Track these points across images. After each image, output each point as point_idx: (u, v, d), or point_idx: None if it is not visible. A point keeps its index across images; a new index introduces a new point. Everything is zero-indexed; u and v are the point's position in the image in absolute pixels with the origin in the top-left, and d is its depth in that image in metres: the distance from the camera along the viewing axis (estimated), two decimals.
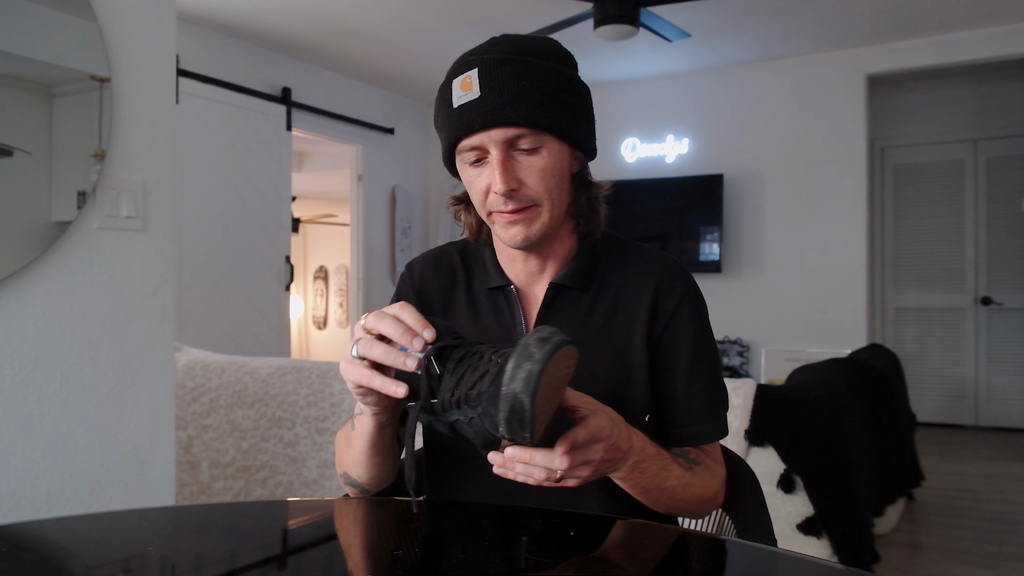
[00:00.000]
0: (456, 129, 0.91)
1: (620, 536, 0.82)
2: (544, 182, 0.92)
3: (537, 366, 0.67)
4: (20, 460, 1.46)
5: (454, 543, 0.82)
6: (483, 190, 0.93)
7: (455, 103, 0.91)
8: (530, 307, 1.02)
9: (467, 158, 0.93)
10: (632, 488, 0.89)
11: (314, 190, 7.37)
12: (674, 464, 0.92)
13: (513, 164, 0.91)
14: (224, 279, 4.51)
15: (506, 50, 0.91)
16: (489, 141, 0.90)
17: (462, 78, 0.90)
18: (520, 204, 0.92)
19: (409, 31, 4.58)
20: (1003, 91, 5.41)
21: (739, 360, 5.22)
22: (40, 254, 1.48)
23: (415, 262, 1.10)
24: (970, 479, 4.08)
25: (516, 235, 0.94)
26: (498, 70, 0.89)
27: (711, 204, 5.26)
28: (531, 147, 0.91)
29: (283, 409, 2.50)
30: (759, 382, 2.34)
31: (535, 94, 0.89)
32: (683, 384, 0.98)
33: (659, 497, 0.91)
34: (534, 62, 0.90)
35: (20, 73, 1.47)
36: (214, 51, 4.50)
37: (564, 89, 0.92)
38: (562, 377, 0.73)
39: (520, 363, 0.68)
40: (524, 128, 0.89)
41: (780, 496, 2.16)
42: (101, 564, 0.76)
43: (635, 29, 3.56)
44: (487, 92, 0.88)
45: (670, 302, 0.99)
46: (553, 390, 0.72)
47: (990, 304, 5.46)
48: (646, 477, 0.88)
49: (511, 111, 0.88)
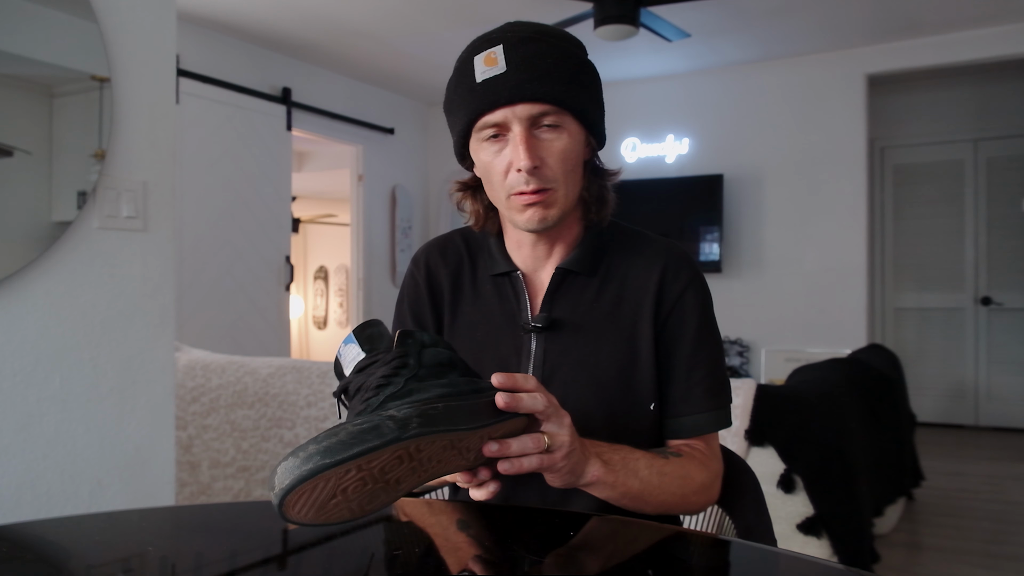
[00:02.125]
0: (479, 104, 0.90)
1: (619, 536, 0.82)
2: (562, 163, 0.92)
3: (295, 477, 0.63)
4: (20, 460, 1.46)
5: (454, 543, 0.82)
6: (503, 169, 0.92)
7: (478, 77, 0.90)
8: (536, 292, 1.02)
9: (485, 135, 0.92)
10: (611, 488, 0.87)
11: (314, 190, 7.37)
12: (638, 452, 0.90)
13: (535, 142, 0.91)
14: (224, 279, 4.51)
15: (528, 30, 0.92)
16: (513, 117, 0.90)
17: (486, 54, 0.90)
18: (541, 184, 0.91)
19: (409, 31, 4.58)
20: (1003, 91, 5.41)
21: (739, 360, 5.22)
22: (40, 254, 1.48)
23: (420, 254, 1.09)
24: (970, 479, 4.08)
25: (533, 217, 0.93)
26: (524, 47, 0.89)
27: (711, 204, 5.26)
28: (553, 124, 0.91)
29: (283, 409, 2.50)
30: (759, 382, 2.33)
31: (560, 73, 0.90)
32: (683, 372, 0.98)
33: (639, 492, 0.88)
34: (556, 43, 0.91)
35: (20, 73, 1.47)
36: (214, 51, 4.50)
37: (584, 72, 0.94)
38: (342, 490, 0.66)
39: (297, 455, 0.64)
40: (549, 105, 0.89)
41: (780, 496, 2.16)
42: (101, 564, 0.76)
43: (635, 29, 3.57)
44: (513, 67, 0.88)
45: (675, 288, 0.99)
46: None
47: (990, 304, 5.46)
48: (615, 471, 0.86)
49: (538, 87, 0.88)
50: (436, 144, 6.30)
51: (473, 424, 0.73)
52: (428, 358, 0.76)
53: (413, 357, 0.75)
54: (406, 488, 0.72)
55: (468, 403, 0.74)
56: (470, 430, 0.72)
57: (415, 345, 0.77)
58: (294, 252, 6.20)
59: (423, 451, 0.69)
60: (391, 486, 0.70)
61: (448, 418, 0.71)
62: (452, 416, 0.71)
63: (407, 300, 1.08)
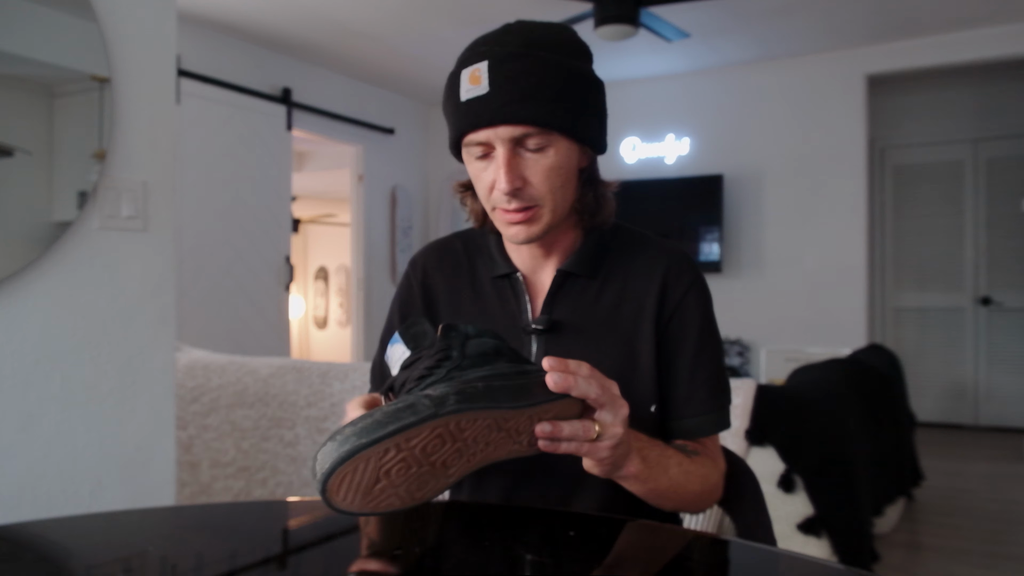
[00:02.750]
0: (463, 123, 0.90)
1: (619, 536, 0.82)
2: (548, 181, 0.91)
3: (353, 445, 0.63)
4: (20, 460, 1.46)
5: (454, 543, 0.82)
6: (488, 185, 0.92)
7: (463, 96, 0.89)
8: (536, 294, 1.02)
9: (473, 152, 0.92)
10: (642, 484, 0.86)
11: (314, 190, 7.37)
12: (670, 449, 0.91)
13: (519, 162, 0.90)
14: (224, 279, 4.51)
15: (517, 42, 0.89)
16: (495, 138, 0.89)
17: (471, 70, 0.89)
18: (523, 203, 0.91)
19: (409, 31, 4.58)
20: (1003, 91, 5.41)
21: (739, 360, 5.22)
22: (40, 254, 1.48)
23: (418, 256, 1.10)
24: (970, 479, 4.08)
25: (518, 234, 0.94)
26: (508, 65, 0.87)
27: (711, 204, 5.26)
28: (538, 146, 0.89)
29: (283, 409, 2.50)
30: (759, 382, 2.33)
31: (544, 92, 0.88)
32: (686, 374, 0.98)
33: (666, 489, 0.89)
34: (545, 57, 0.89)
35: (20, 73, 1.47)
36: (214, 51, 4.50)
37: (575, 85, 0.91)
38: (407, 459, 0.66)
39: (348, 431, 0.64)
40: (531, 127, 0.88)
41: (780, 496, 2.16)
42: (101, 564, 0.76)
43: (635, 29, 3.56)
44: (495, 88, 0.87)
45: (677, 291, 0.99)
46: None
47: (990, 304, 5.46)
48: (651, 467, 0.86)
49: (519, 110, 0.87)
50: (436, 144, 6.30)
51: (518, 403, 0.70)
52: (472, 348, 0.75)
53: (457, 349, 0.74)
54: (457, 474, 0.70)
55: (512, 383, 0.72)
56: (515, 408, 0.70)
57: (458, 337, 0.76)
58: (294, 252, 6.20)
59: (465, 431, 0.68)
60: (438, 470, 0.68)
61: (489, 396, 0.69)
62: (493, 394, 0.70)
63: (399, 301, 1.08)
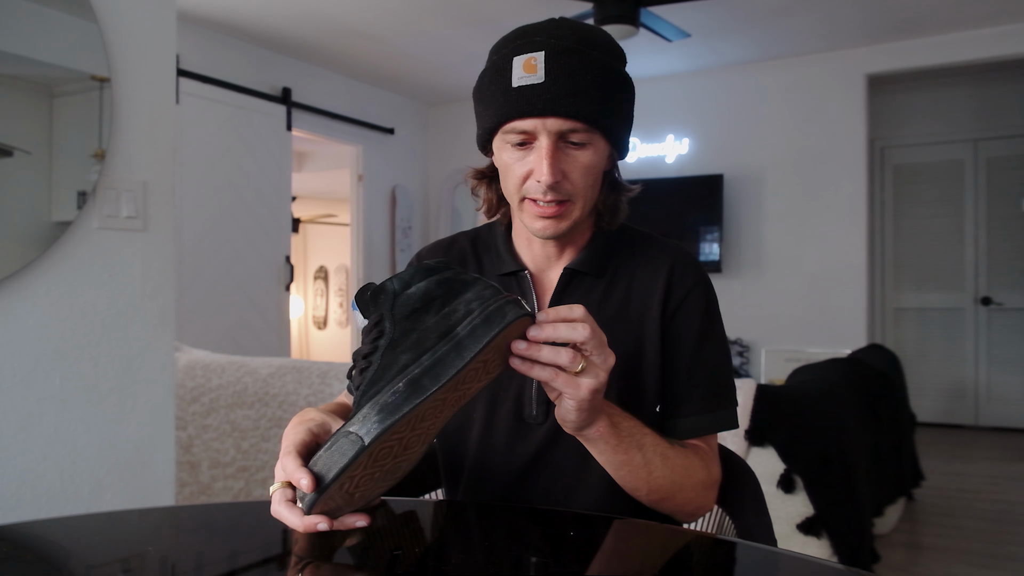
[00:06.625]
0: (511, 109, 0.90)
1: (619, 536, 0.82)
2: (584, 178, 0.92)
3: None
4: (20, 460, 1.46)
5: (454, 543, 0.82)
6: (521, 175, 0.93)
7: (515, 82, 0.89)
8: (543, 292, 1.02)
9: (511, 139, 0.92)
10: (612, 451, 0.85)
11: (314, 190, 7.37)
12: (648, 429, 0.89)
13: (561, 156, 0.91)
14: (224, 279, 4.51)
15: (572, 38, 0.90)
16: (543, 129, 0.89)
17: (526, 58, 0.89)
18: (559, 197, 0.91)
19: (409, 31, 4.58)
20: (1003, 91, 5.41)
21: (739, 360, 5.22)
22: (40, 254, 1.48)
23: (424, 252, 1.10)
24: (970, 479, 4.08)
25: (546, 228, 0.94)
26: (566, 59, 0.88)
27: (711, 204, 5.26)
28: (580, 142, 0.91)
29: (283, 409, 2.50)
30: (759, 382, 2.33)
31: (597, 90, 0.89)
32: (684, 373, 0.97)
33: (640, 468, 0.87)
34: (598, 57, 0.91)
35: (20, 73, 1.47)
36: (214, 51, 4.50)
37: (619, 88, 0.93)
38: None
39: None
40: (579, 123, 0.89)
41: (780, 496, 2.16)
42: (101, 564, 0.76)
43: (635, 29, 3.56)
44: (552, 80, 0.88)
45: (681, 290, 0.99)
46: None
47: (990, 304, 5.46)
48: (621, 435, 0.85)
49: (573, 103, 0.88)
50: (436, 144, 6.30)
51: (447, 374, 0.68)
52: (401, 310, 0.74)
53: (388, 319, 0.74)
54: (427, 439, 0.76)
55: (440, 353, 0.69)
56: (445, 383, 0.68)
57: (387, 300, 0.75)
58: (294, 252, 6.20)
59: (403, 432, 0.70)
60: (404, 454, 0.74)
61: (415, 389, 0.68)
62: (417, 384, 0.68)
63: None
